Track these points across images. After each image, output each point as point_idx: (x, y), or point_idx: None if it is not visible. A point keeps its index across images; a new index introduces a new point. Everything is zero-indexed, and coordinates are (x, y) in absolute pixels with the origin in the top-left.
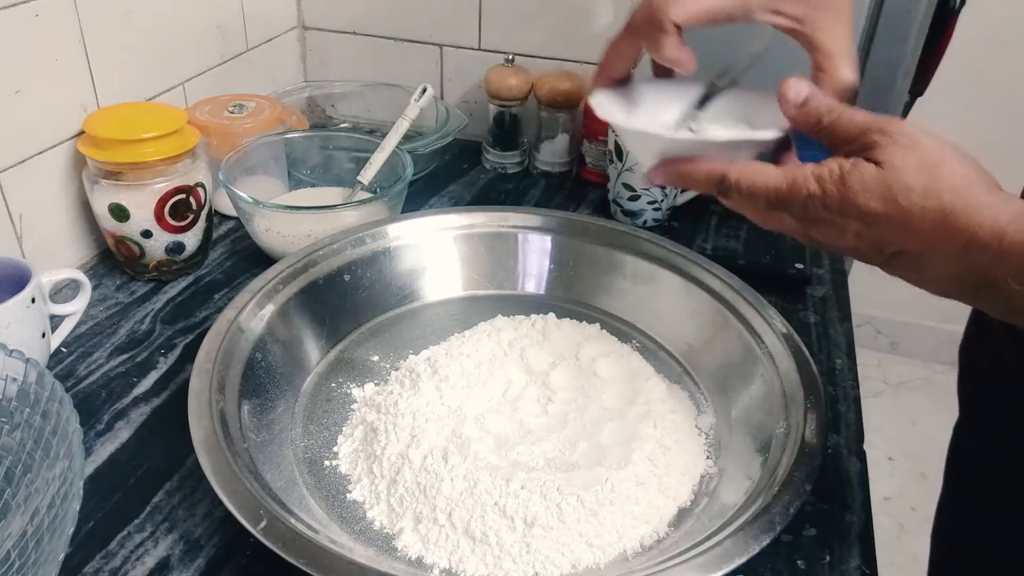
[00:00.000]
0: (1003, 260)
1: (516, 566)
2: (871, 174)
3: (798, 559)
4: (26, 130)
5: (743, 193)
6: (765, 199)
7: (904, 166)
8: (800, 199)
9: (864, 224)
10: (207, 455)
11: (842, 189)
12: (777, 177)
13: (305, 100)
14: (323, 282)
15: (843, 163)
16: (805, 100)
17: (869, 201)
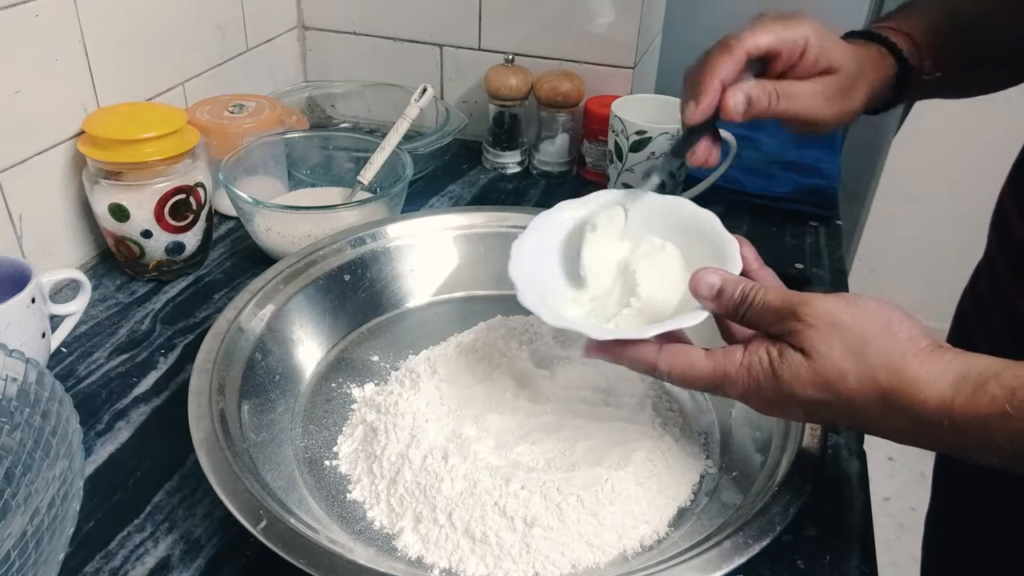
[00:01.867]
0: (960, 435)
1: (516, 566)
2: (800, 364)
3: (798, 559)
4: (26, 130)
5: (676, 381)
6: (703, 386)
7: (830, 352)
8: (736, 388)
9: (809, 410)
10: (207, 455)
11: (775, 383)
12: (707, 368)
13: (305, 100)
14: (323, 282)
15: (770, 350)
16: (719, 292)
17: (807, 390)
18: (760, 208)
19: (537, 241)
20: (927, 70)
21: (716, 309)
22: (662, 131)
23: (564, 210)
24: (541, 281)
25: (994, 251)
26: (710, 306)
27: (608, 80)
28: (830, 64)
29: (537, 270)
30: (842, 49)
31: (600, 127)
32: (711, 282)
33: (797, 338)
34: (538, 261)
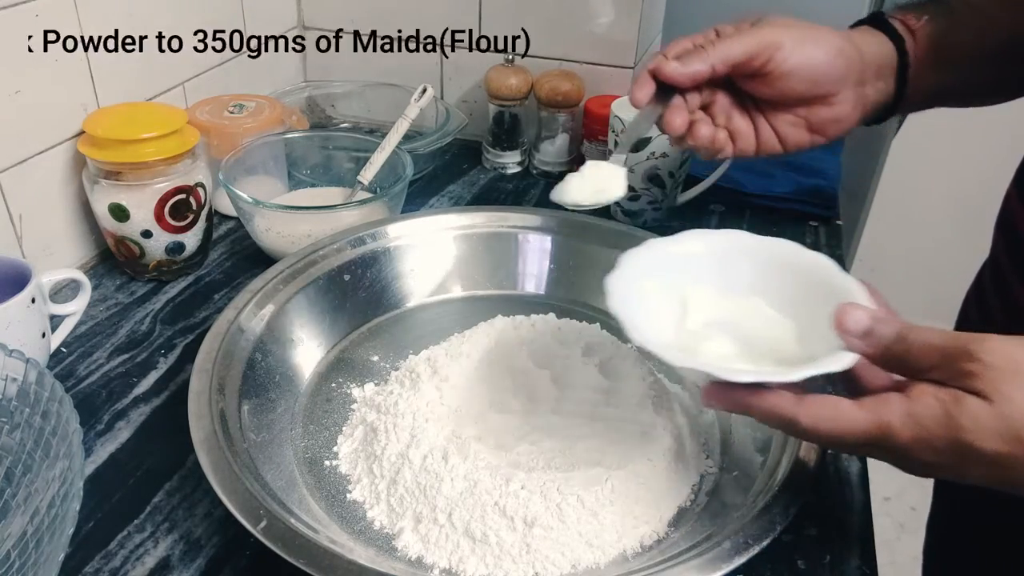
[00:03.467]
0: None
1: (516, 566)
2: (984, 412)
3: (798, 559)
4: (26, 130)
5: (823, 437)
6: (855, 441)
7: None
8: (899, 443)
9: (987, 467)
10: (207, 455)
11: (952, 433)
12: (862, 421)
13: (305, 100)
14: (323, 282)
15: (942, 398)
16: (868, 331)
17: (988, 443)
18: (760, 208)
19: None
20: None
21: (865, 349)
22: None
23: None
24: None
25: (999, 252)
26: (858, 345)
27: (608, 80)
28: (752, 20)
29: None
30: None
31: (600, 127)
32: (859, 318)
33: (974, 381)
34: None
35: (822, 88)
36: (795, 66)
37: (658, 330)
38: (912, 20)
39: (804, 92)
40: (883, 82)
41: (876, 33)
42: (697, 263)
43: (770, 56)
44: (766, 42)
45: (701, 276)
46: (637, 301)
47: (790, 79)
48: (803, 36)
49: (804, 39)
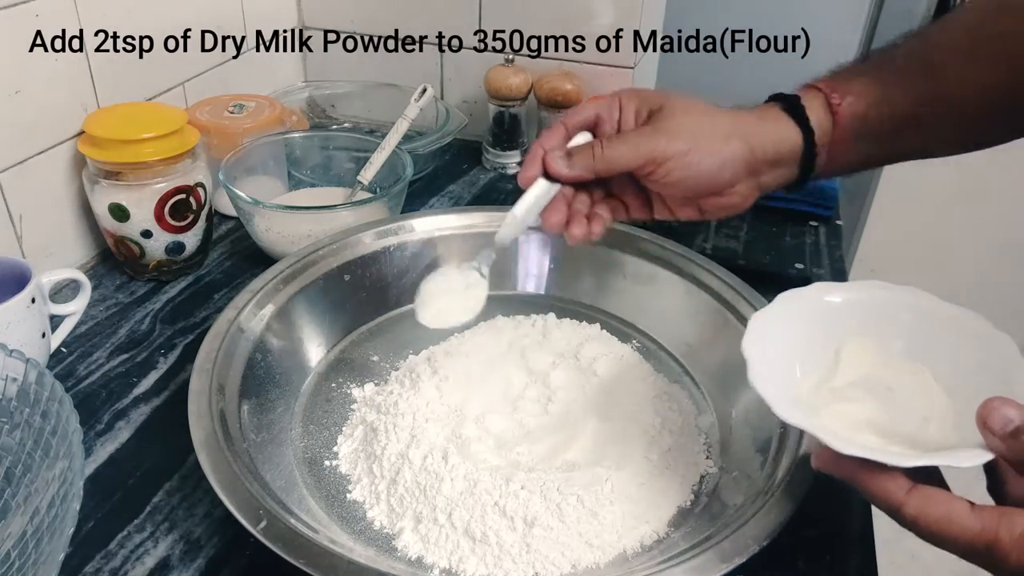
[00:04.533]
0: None
1: (516, 566)
2: None
3: (798, 559)
4: (26, 130)
5: (923, 531)
6: (959, 546)
7: None
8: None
9: None
10: (207, 455)
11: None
12: (971, 529)
13: (305, 100)
14: (323, 282)
15: None
16: (1017, 431)
17: None
18: (760, 208)
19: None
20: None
21: (1006, 452)
22: None
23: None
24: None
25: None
26: (999, 446)
27: (608, 80)
28: (651, 109)
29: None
30: (668, 95)
31: None
32: (1007, 417)
33: None
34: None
35: (707, 191)
36: (680, 178)
37: (787, 381)
38: (836, 98)
39: (689, 195)
40: (785, 168)
41: (785, 121)
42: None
43: (654, 169)
44: (652, 155)
45: (863, 330)
46: (775, 347)
47: (675, 187)
48: (692, 147)
49: (692, 151)
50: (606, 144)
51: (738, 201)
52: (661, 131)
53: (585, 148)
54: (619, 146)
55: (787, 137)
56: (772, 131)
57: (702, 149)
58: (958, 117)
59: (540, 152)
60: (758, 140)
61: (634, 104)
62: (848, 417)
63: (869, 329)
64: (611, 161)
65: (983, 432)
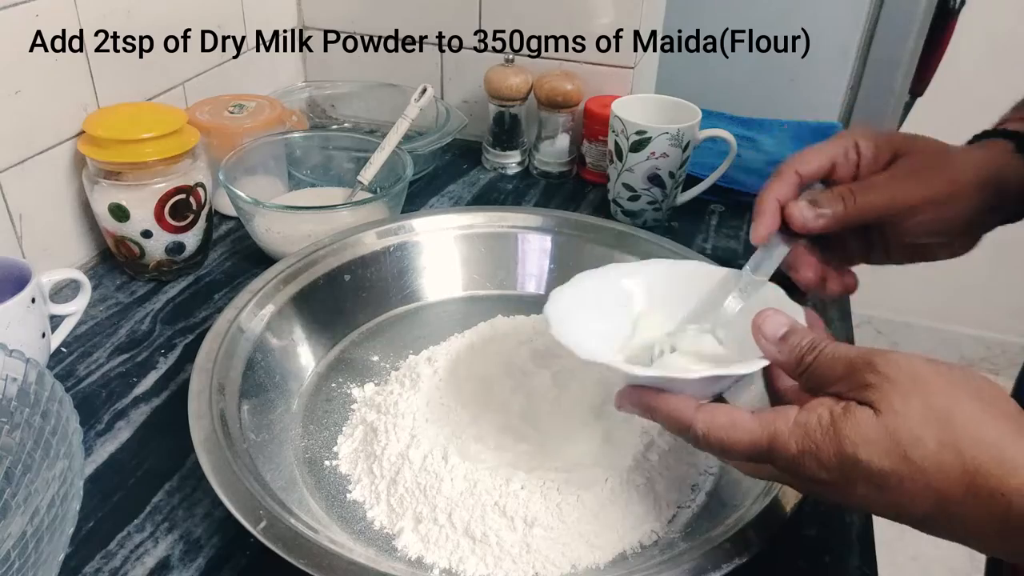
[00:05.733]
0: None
1: (516, 566)
2: (869, 422)
3: (798, 559)
4: (26, 130)
5: (713, 446)
6: (744, 451)
7: (907, 411)
8: (786, 456)
9: (871, 486)
10: (207, 455)
11: (837, 443)
12: (753, 431)
13: (305, 100)
14: (323, 282)
15: (833, 408)
16: (784, 336)
17: (872, 457)
18: None
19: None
20: None
21: (778, 355)
22: (662, 131)
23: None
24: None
25: None
26: (772, 350)
27: (608, 80)
28: (894, 152)
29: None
30: (907, 137)
31: (600, 127)
32: (778, 322)
33: (871, 391)
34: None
35: (954, 238)
36: (931, 227)
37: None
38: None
39: (934, 241)
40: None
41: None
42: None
43: (907, 217)
44: (908, 201)
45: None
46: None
47: (919, 234)
48: (951, 192)
49: (951, 198)
50: (857, 189)
51: (970, 245)
52: (914, 176)
53: (832, 194)
54: (872, 192)
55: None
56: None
57: (961, 197)
58: None
59: (774, 203)
60: (1006, 184)
61: (872, 145)
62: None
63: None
64: (864, 208)
65: (757, 339)
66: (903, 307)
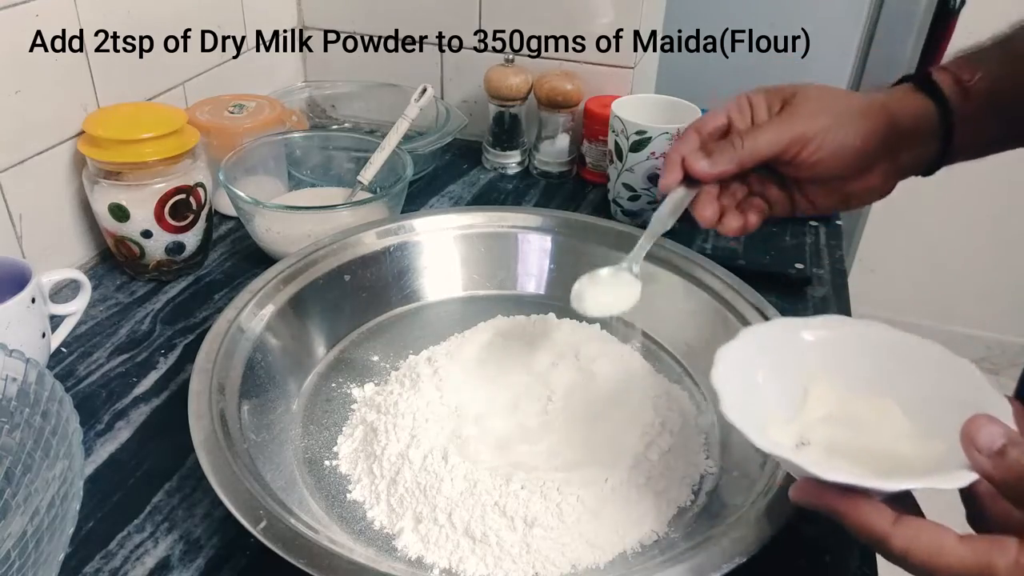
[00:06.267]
0: None
1: (516, 566)
2: None
3: (798, 559)
4: (26, 130)
5: (911, 567)
6: None
7: None
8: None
9: None
10: (207, 455)
11: None
12: (964, 559)
13: (305, 100)
14: (323, 282)
15: None
16: (1002, 450)
17: None
18: None
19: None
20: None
21: (993, 472)
22: (662, 131)
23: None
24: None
25: None
26: (986, 465)
27: (608, 80)
28: (784, 98)
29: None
30: (798, 85)
31: (600, 127)
32: (995, 433)
33: None
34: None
35: (852, 169)
36: (824, 156)
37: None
38: (966, 75)
39: (834, 175)
40: (923, 147)
41: (918, 96)
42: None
43: (798, 151)
44: (794, 136)
45: (829, 367)
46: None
47: (819, 167)
48: (833, 123)
49: (834, 126)
50: (747, 134)
51: (879, 183)
52: (799, 114)
53: (725, 143)
54: (761, 134)
55: (924, 110)
56: (909, 105)
57: (844, 124)
58: None
59: (678, 157)
60: (896, 113)
61: (763, 99)
62: (821, 450)
63: (833, 365)
64: (755, 150)
65: (968, 451)
66: (903, 307)
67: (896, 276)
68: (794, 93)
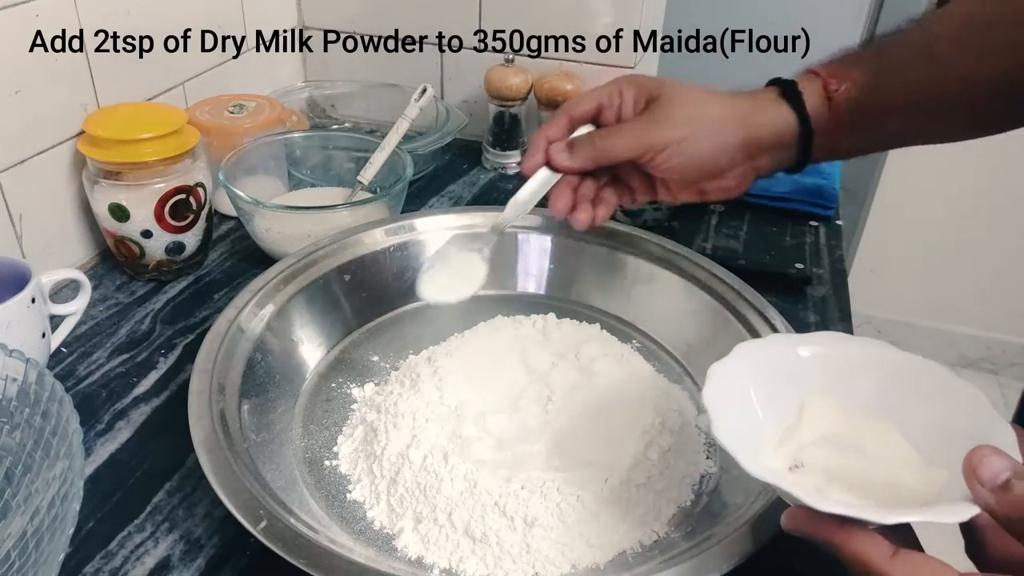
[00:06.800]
0: None
1: (516, 566)
2: None
3: (798, 559)
4: (26, 130)
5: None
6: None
7: None
8: None
9: None
10: (207, 455)
11: None
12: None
13: (305, 100)
14: (323, 282)
15: None
16: (1005, 484)
17: None
18: (760, 208)
19: (742, 369)
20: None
21: (994, 506)
22: None
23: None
24: (739, 415)
25: None
26: (988, 500)
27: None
28: (649, 98)
29: (738, 403)
30: (666, 84)
31: None
32: (997, 467)
33: None
34: (740, 393)
35: (706, 175)
36: (677, 164)
37: (753, 435)
38: (834, 84)
39: (688, 178)
40: (783, 152)
41: (782, 106)
42: (823, 370)
43: (653, 157)
44: (649, 143)
45: (826, 385)
46: (739, 398)
47: (673, 171)
48: (690, 133)
49: (690, 136)
50: (604, 135)
51: (734, 184)
52: (658, 120)
53: (585, 139)
54: (617, 137)
55: (783, 123)
56: (768, 117)
57: (698, 137)
58: (956, 105)
59: (543, 142)
60: (754, 126)
61: (632, 92)
62: (816, 475)
63: (831, 384)
64: (609, 152)
65: (970, 483)
66: (903, 307)
67: (896, 276)
68: (659, 95)
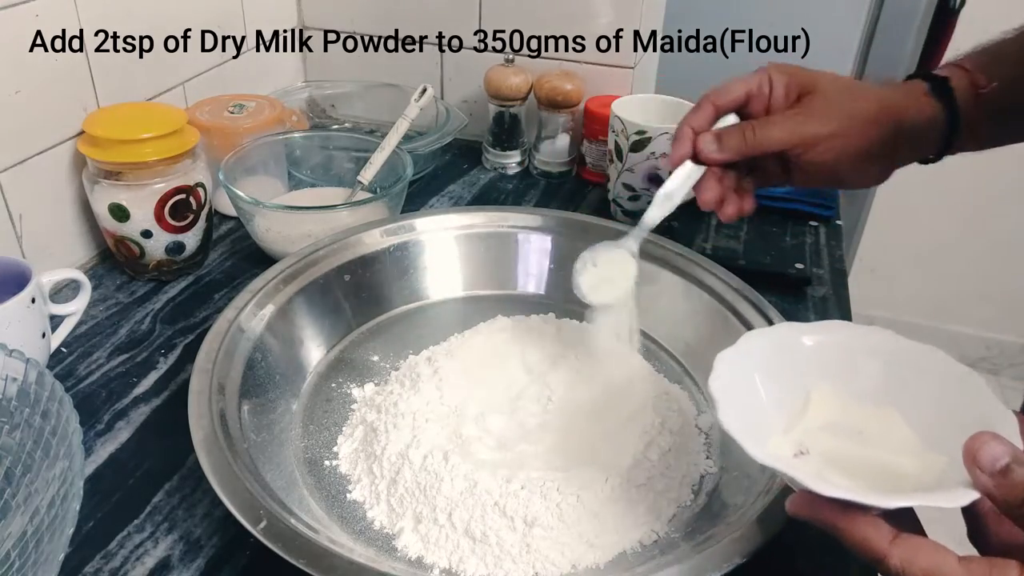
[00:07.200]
0: None
1: (516, 566)
2: None
3: (798, 559)
4: (26, 130)
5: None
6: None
7: None
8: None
9: None
10: (207, 455)
11: None
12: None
13: (305, 100)
14: (323, 282)
15: None
16: (1004, 469)
17: None
18: (760, 208)
19: (748, 358)
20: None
21: (994, 491)
22: (662, 131)
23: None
24: (745, 403)
25: None
26: (987, 484)
27: (608, 80)
28: (802, 89)
29: (744, 390)
30: (817, 76)
31: (600, 127)
32: (996, 453)
33: None
34: (746, 381)
35: (853, 168)
36: (829, 158)
37: (759, 422)
38: (982, 81)
39: (835, 170)
40: (926, 145)
41: (931, 100)
42: (828, 358)
43: (805, 151)
44: (804, 138)
45: (830, 373)
46: (745, 386)
47: (822, 164)
48: (843, 128)
49: (843, 132)
50: (758, 126)
51: (876, 175)
52: (815, 114)
53: (735, 130)
54: (771, 129)
55: (933, 116)
56: (919, 112)
57: (852, 131)
58: None
59: (689, 132)
60: (904, 121)
61: (784, 82)
62: (820, 461)
63: (835, 372)
64: (762, 144)
65: (970, 469)
66: (903, 307)
67: (896, 276)
68: (813, 87)
